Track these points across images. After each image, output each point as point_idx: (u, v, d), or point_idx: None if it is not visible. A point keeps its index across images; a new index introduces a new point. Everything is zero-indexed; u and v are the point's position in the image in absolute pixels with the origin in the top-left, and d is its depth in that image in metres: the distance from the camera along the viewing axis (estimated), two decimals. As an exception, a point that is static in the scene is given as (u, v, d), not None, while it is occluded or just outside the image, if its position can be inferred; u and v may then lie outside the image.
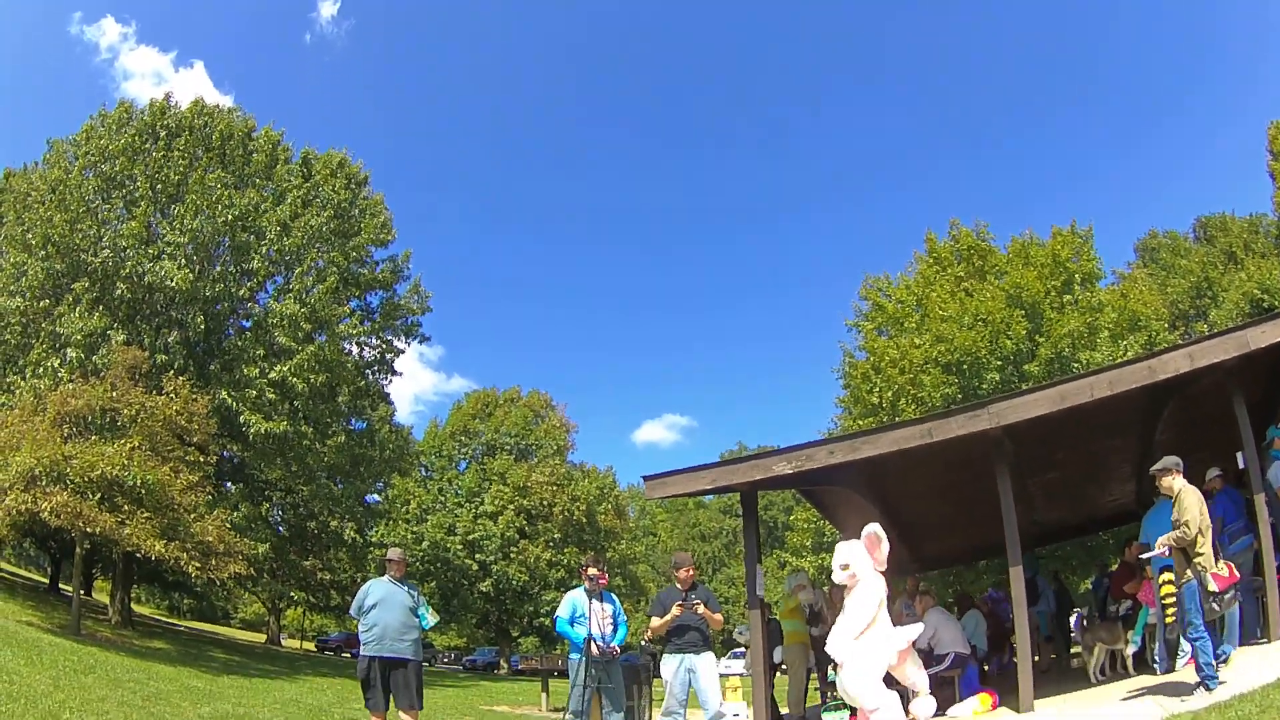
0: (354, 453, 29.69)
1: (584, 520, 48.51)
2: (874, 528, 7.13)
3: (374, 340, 31.39)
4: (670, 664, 7.82)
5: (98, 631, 20.94)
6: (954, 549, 17.19)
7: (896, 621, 13.07)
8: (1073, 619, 13.47)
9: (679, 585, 8.10)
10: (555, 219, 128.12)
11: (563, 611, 7.80)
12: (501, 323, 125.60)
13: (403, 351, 32.40)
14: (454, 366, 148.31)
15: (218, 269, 24.16)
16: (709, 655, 7.87)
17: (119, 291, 22.74)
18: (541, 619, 45.19)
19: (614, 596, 8.17)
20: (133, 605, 36.40)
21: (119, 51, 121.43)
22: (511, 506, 47.55)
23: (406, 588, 8.28)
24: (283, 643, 45.47)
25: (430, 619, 8.33)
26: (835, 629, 7.26)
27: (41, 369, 21.21)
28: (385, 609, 7.98)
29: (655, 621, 7.96)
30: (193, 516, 19.33)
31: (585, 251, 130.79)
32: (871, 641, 6.99)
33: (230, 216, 23.74)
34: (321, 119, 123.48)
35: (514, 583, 46.16)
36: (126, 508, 17.91)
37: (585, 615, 7.62)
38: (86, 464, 17.42)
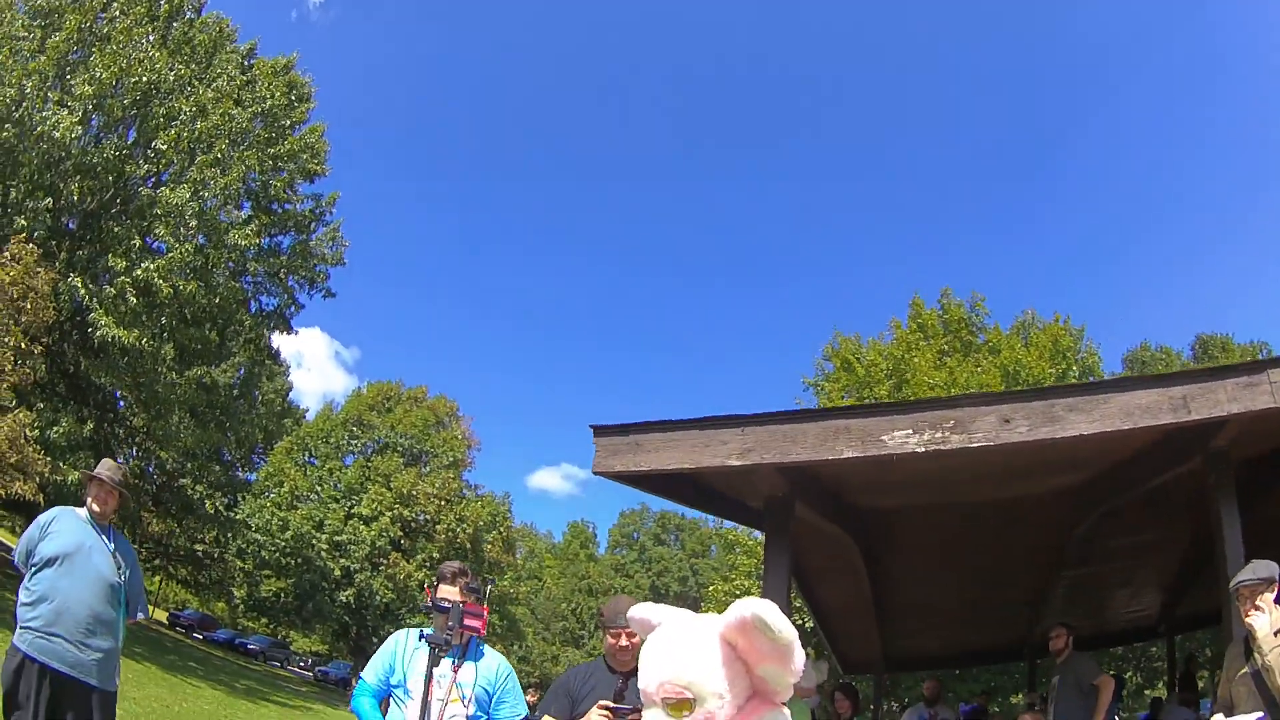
0: (217, 399, 25.38)
1: (468, 545, 44.05)
2: (760, 607, 2.04)
3: (274, 287, 27.57)
4: None
5: None
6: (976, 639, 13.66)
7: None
8: None
9: (611, 662, 3.88)
10: (525, 235, 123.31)
11: (369, 671, 3.78)
12: (427, 332, 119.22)
13: (303, 307, 28.65)
14: (370, 372, 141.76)
15: (116, 137, 20.17)
16: None
17: (4, 135, 18.67)
18: (405, 645, 40.47)
19: (500, 659, 3.94)
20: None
21: None
22: (390, 514, 42.92)
23: (114, 542, 4.52)
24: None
25: (138, 611, 4.68)
26: None
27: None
28: (72, 571, 4.28)
29: None
30: (-15, 408, 15.15)
31: (538, 273, 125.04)
32: None
33: (146, 80, 19.87)
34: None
35: (378, 598, 41.22)
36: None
37: (405, 686, 3.68)
38: None
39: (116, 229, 20.71)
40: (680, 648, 2.23)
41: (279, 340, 30.18)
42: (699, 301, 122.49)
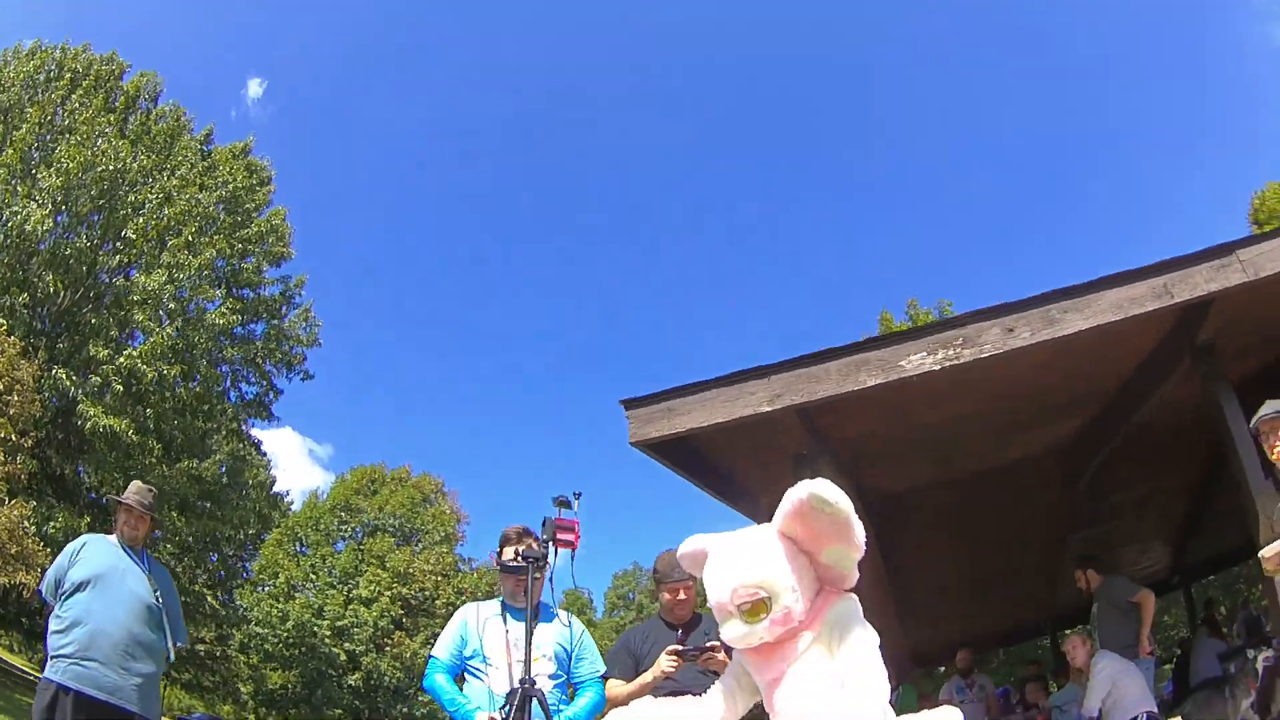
0: (207, 489, 25.21)
1: (471, 616, 43.37)
2: (813, 485, 2.18)
3: (251, 376, 27.70)
4: None
5: None
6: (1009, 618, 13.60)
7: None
8: None
9: (668, 617, 4.02)
10: (478, 337, 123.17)
11: (440, 648, 3.69)
12: (397, 418, 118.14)
13: (281, 392, 28.93)
14: (345, 466, 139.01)
15: (85, 229, 20.42)
16: None
17: None
18: (416, 722, 39.18)
19: (573, 617, 3.93)
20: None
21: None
22: (388, 594, 42.23)
23: (147, 566, 4.36)
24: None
25: (177, 638, 4.43)
26: None
27: None
28: (106, 593, 4.04)
29: (618, 686, 3.82)
30: (-21, 500, 14.94)
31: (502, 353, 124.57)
32: None
33: (111, 169, 20.16)
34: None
35: (387, 679, 40.30)
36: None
37: (483, 655, 3.55)
38: None
39: (94, 320, 20.73)
40: (744, 553, 2.26)
41: (258, 434, 30.51)
42: (679, 356, 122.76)
